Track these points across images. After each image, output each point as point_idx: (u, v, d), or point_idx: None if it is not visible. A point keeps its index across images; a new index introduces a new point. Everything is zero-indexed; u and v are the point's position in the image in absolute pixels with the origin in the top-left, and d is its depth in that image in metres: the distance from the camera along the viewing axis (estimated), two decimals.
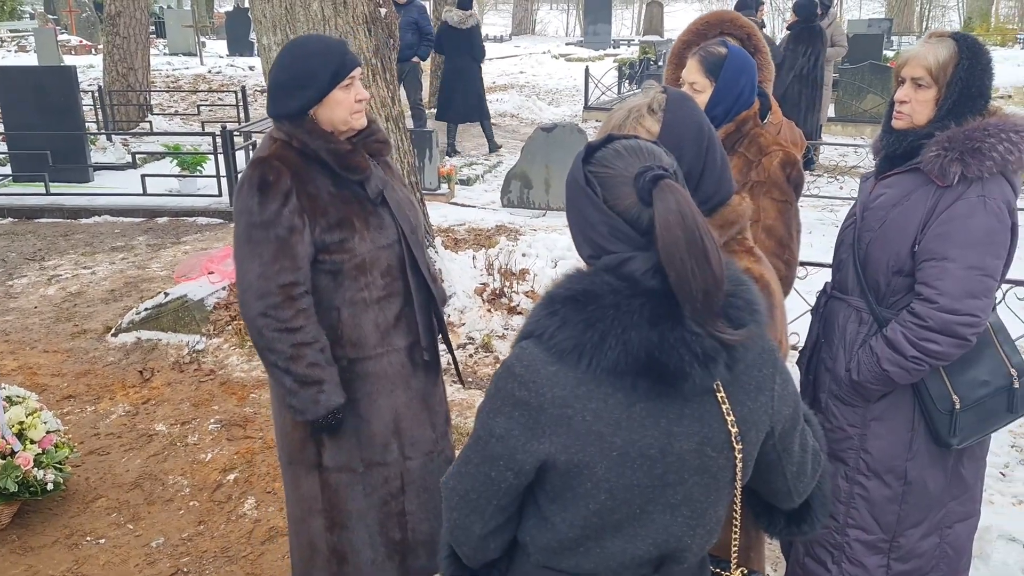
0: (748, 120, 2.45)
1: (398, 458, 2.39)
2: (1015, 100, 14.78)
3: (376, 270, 2.27)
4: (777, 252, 2.43)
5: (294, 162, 2.18)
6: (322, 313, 2.26)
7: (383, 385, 2.34)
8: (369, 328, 2.29)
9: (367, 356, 2.31)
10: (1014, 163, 2.07)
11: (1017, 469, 3.58)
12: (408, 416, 2.39)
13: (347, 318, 2.27)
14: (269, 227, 2.14)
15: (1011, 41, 24.38)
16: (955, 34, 2.16)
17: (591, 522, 1.32)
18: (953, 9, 35.84)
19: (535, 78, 18.45)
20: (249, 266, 2.17)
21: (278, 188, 2.14)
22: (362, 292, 2.27)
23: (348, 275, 2.24)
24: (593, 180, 1.32)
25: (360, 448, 2.36)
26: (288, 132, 2.19)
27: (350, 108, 2.19)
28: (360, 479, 2.38)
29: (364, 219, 2.24)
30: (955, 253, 2.06)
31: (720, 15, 2.79)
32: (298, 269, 2.17)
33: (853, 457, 2.33)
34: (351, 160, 2.22)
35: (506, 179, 8.02)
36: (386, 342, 2.32)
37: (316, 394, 2.21)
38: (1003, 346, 2.24)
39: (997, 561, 2.97)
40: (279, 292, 2.15)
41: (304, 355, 2.19)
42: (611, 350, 1.23)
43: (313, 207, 2.18)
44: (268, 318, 2.16)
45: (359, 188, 2.26)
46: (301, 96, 2.15)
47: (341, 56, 2.17)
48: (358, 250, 2.23)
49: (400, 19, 8.56)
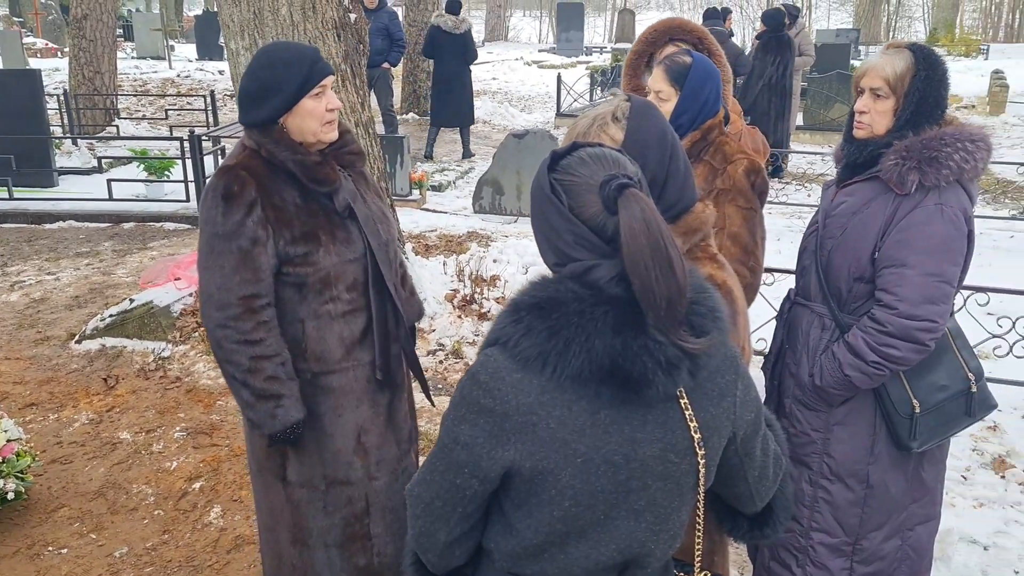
0: (714, 128, 2.48)
1: (363, 477, 2.35)
2: (978, 110, 15.04)
3: (342, 284, 2.24)
4: (742, 259, 2.46)
5: (261, 172, 2.15)
6: (286, 326, 2.23)
7: (347, 400, 2.30)
8: (334, 342, 2.25)
9: (331, 370, 2.27)
10: (970, 172, 2.11)
11: (978, 472, 3.64)
12: (373, 432, 2.35)
13: (311, 331, 2.24)
14: (231, 238, 2.11)
15: (975, 52, 24.85)
16: (912, 45, 2.20)
17: (556, 528, 1.33)
18: (919, 20, 36.48)
19: (508, 84, 18.49)
20: (210, 277, 2.15)
21: (242, 198, 2.11)
22: (327, 305, 2.23)
23: (313, 288, 2.21)
24: (558, 188, 1.34)
25: (323, 465, 2.32)
26: (257, 141, 2.16)
27: (321, 118, 2.15)
28: (321, 497, 2.34)
29: (330, 232, 2.21)
30: (913, 260, 2.10)
31: (669, 23, 2.82)
32: (259, 281, 2.14)
33: (817, 461, 2.36)
34: (318, 172, 2.18)
35: (478, 185, 8.02)
36: (351, 356, 2.29)
37: (273, 408, 2.17)
38: (961, 351, 2.28)
39: (958, 563, 3.02)
40: (239, 304, 2.12)
41: (263, 368, 2.15)
42: (575, 357, 1.24)
43: (278, 218, 2.14)
44: (227, 329, 2.13)
45: (327, 200, 2.22)
46: (268, 105, 2.11)
47: (311, 64, 2.12)
48: (323, 263, 2.19)
49: (370, 25, 8.55)
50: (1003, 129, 13.19)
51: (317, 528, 2.36)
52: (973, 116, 14.46)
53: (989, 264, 5.98)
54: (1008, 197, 8.95)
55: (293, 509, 2.35)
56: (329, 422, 2.30)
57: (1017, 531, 3.23)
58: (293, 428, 2.22)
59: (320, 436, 2.30)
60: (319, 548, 2.37)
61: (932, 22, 31.12)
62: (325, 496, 2.33)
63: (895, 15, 34.86)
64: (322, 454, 2.31)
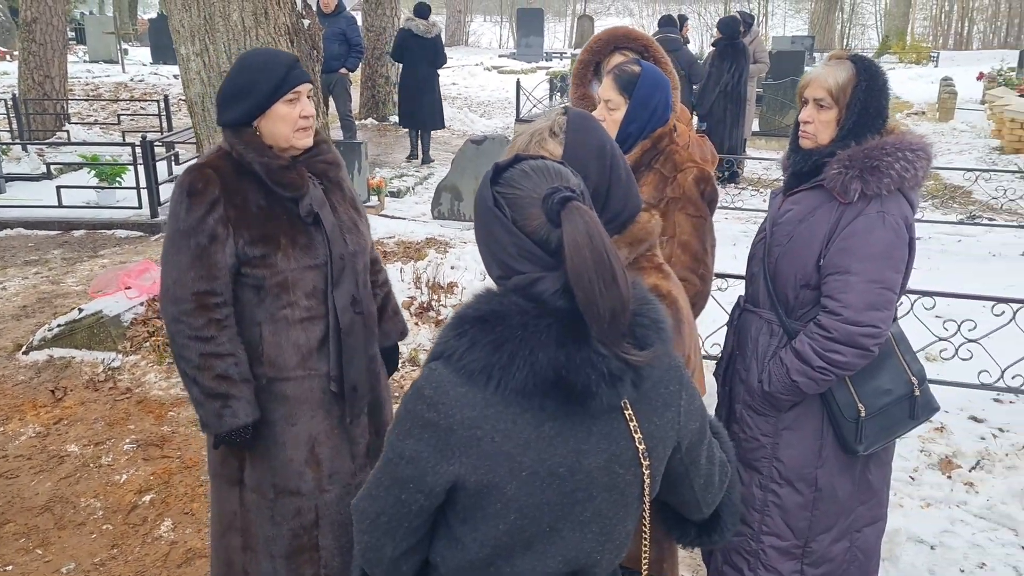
0: (664, 137, 2.50)
1: (313, 489, 2.32)
2: (928, 116, 15.38)
3: (300, 290, 2.23)
4: (692, 267, 2.48)
5: (227, 172, 2.19)
6: (245, 328, 2.24)
7: (302, 409, 2.28)
8: (289, 348, 2.25)
9: (286, 377, 2.26)
10: (910, 180, 2.16)
11: (926, 473, 3.71)
12: (328, 445, 2.33)
13: (268, 335, 2.24)
14: (191, 234, 2.14)
15: (925, 59, 25.42)
16: (853, 56, 2.25)
17: (501, 541, 1.33)
18: (872, 27, 37.24)
19: (468, 90, 18.50)
20: (168, 271, 2.19)
21: (205, 196, 2.15)
22: (284, 310, 2.23)
23: (270, 292, 2.22)
24: (501, 201, 1.34)
25: (272, 473, 2.30)
26: (230, 142, 2.21)
27: (293, 123, 2.18)
28: (270, 506, 2.32)
29: (291, 237, 2.21)
30: (857, 267, 2.14)
31: (614, 32, 2.84)
32: (215, 279, 2.16)
33: (766, 466, 2.39)
34: (283, 176, 2.20)
35: (436, 191, 8.00)
36: (307, 365, 2.27)
37: (220, 408, 2.17)
38: (904, 356, 2.33)
39: (906, 563, 3.08)
40: (192, 299, 2.15)
41: (212, 366, 2.16)
42: (519, 371, 1.25)
43: (239, 218, 2.17)
44: (181, 324, 2.16)
45: (292, 205, 2.23)
46: (241, 106, 2.16)
47: (286, 70, 2.17)
48: (280, 267, 2.20)
49: (326, 30, 8.49)
50: (951, 135, 13.52)
51: (264, 537, 2.34)
52: (924, 122, 14.80)
53: (937, 267, 6.12)
54: (956, 202, 9.16)
55: (245, 514, 2.34)
56: (281, 430, 2.28)
57: (963, 530, 3.30)
58: (241, 431, 2.21)
59: (272, 444, 2.28)
60: (266, 557, 2.35)
61: (884, 30, 31.79)
62: (273, 505, 2.31)
63: (849, 23, 35.56)
64: (272, 462, 2.29)
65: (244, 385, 2.20)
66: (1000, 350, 4.19)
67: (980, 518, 3.39)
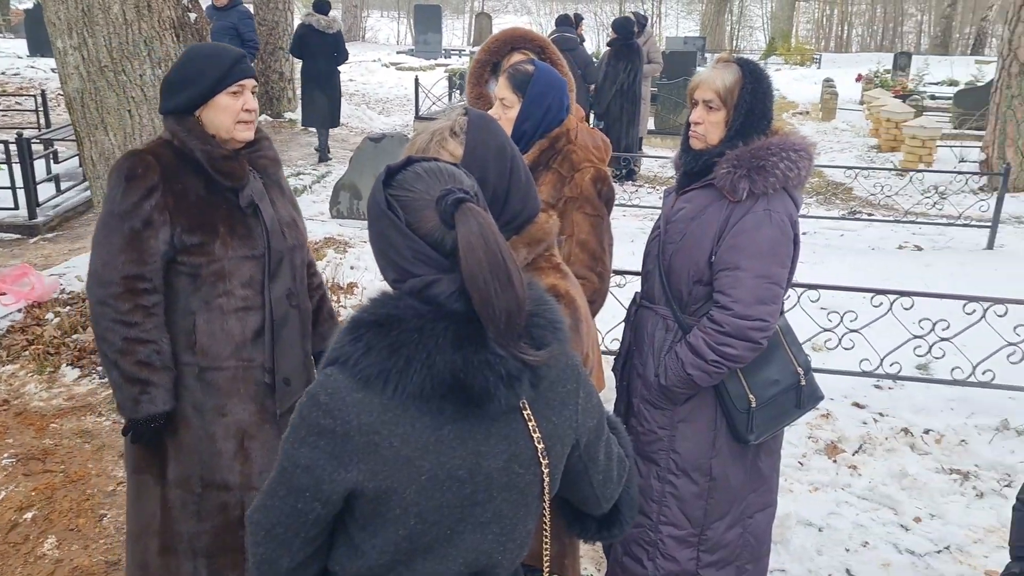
0: (561, 137, 2.53)
1: (241, 484, 2.31)
2: (812, 115, 16.09)
3: (236, 280, 2.25)
4: (591, 265, 2.52)
5: (168, 159, 2.21)
6: (179, 316, 2.25)
7: (233, 401, 2.29)
8: (222, 338, 2.26)
9: (219, 367, 2.27)
10: (794, 179, 2.25)
11: (813, 458, 3.89)
12: (258, 440, 2.32)
13: (202, 324, 2.25)
14: (125, 218, 2.16)
15: (809, 61, 26.57)
16: (738, 59, 2.33)
17: (401, 547, 1.32)
18: (759, 30, 38.66)
19: (365, 86, 18.24)
20: (98, 253, 2.20)
21: (144, 182, 2.17)
22: (220, 299, 2.25)
23: (206, 280, 2.23)
24: (395, 203, 1.32)
25: (201, 466, 2.28)
26: (172, 129, 2.24)
27: (235, 115, 2.22)
28: (196, 500, 2.30)
29: (229, 227, 2.24)
30: (746, 263, 2.22)
31: (511, 32, 2.87)
32: (145, 264, 2.17)
33: (664, 458, 2.46)
34: (225, 165, 2.23)
35: (335, 190, 7.87)
36: (240, 355, 2.28)
37: (138, 394, 2.18)
38: (791, 347, 2.43)
39: (796, 545, 3.22)
40: (120, 283, 2.16)
41: (134, 352, 2.17)
42: (416, 374, 1.24)
43: (177, 206, 2.19)
44: (106, 307, 2.17)
45: (232, 195, 2.26)
46: (185, 94, 2.20)
47: (232, 63, 2.22)
48: (218, 255, 2.22)
49: (215, 24, 8.22)
50: (834, 134, 14.18)
51: (188, 534, 2.31)
52: (808, 121, 15.47)
53: (821, 261, 6.41)
54: (838, 198, 9.62)
55: (165, 513, 2.31)
56: (211, 421, 2.28)
57: (847, 511, 3.48)
58: (156, 419, 2.21)
59: (202, 436, 2.27)
60: (187, 557, 2.32)
61: (771, 32, 33.05)
62: (200, 500, 2.30)
63: (738, 25, 36.83)
64: (201, 455, 2.28)
65: (164, 373, 2.21)
66: (879, 339, 4.42)
67: (863, 499, 3.58)
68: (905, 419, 4.20)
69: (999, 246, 7.29)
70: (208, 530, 2.31)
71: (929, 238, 7.70)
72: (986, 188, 9.00)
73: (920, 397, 4.40)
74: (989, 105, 9.93)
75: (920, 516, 3.45)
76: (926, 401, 4.36)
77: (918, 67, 18.73)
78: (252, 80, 2.27)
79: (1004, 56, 9.55)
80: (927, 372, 4.59)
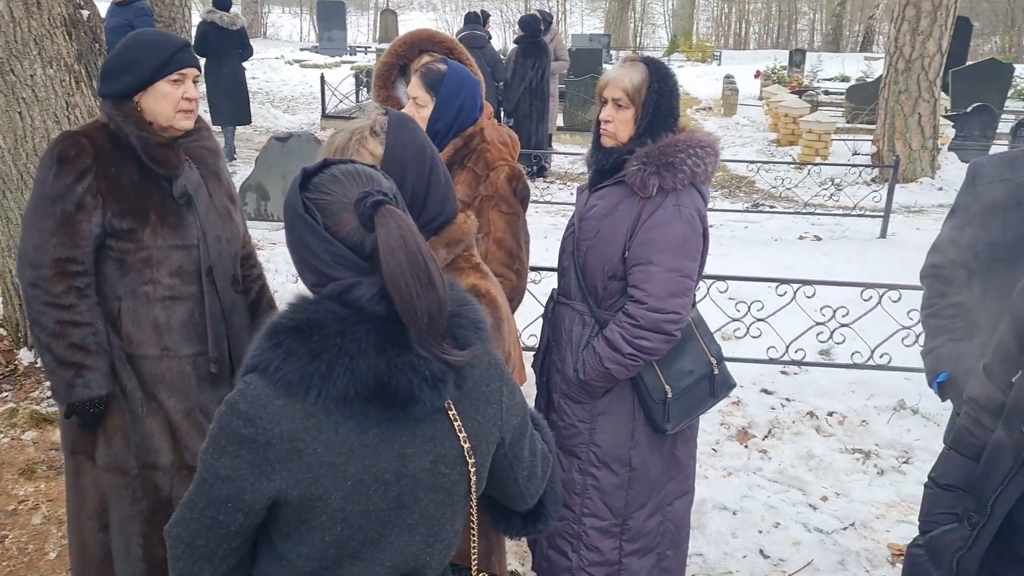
0: (475, 136, 2.54)
1: (171, 465, 2.31)
2: (715, 111, 16.55)
3: (164, 268, 2.25)
4: (508, 263, 2.54)
5: (103, 143, 2.20)
6: (104, 302, 2.25)
7: (161, 389, 2.29)
8: (147, 326, 2.26)
9: (145, 355, 2.27)
10: (701, 175, 2.32)
11: (726, 444, 4.02)
12: (185, 427, 2.32)
13: (127, 311, 2.25)
14: (57, 201, 2.15)
15: (710, 58, 27.29)
16: (645, 58, 2.39)
17: (328, 553, 1.30)
18: (662, 27, 39.53)
19: (268, 84, 17.82)
20: (29, 236, 2.19)
21: (76, 164, 2.16)
22: (146, 287, 2.24)
23: (134, 267, 2.23)
24: (312, 207, 1.31)
25: (135, 447, 2.27)
26: (108, 114, 2.22)
27: (175, 103, 2.21)
28: (130, 483, 2.29)
29: (161, 215, 2.23)
30: (657, 258, 2.28)
31: (418, 34, 2.87)
32: (76, 247, 2.16)
33: (585, 451, 2.50)
34: (159, 153, 2.22)
35: (241, 190, 7.67)
36: (165, 345, 2.28)
37: (72, 378, 2.17)
38: (703, 338, 2.51)
39: (712, 530, 3.32)
40: (52, 265, 2.15)
41: (68, 334, 2.16)
42: (339, 379, 1.23)
43: (109, 190, 2.18)
44: (37, 289, 2.16)
45: (166, 184, 2.25)
46: (125, 79, 2.19)
47: (174, 51, 2.20)
48: (146, 243, 2.21)
49: (110, 21, 7.89)
50: (735, 129, 14.61)
51: (121, 516, 2.30)
52: (711, 117, 15.90)
53: (728, 253, 6.61)
54: (742, 191, 9.94)
55: (100, 494, 2.32)
56: (138, 404, 2.28)
57: (759, 494, 3.60)
58: (94, 403, 2.21)
59: (132, 420, 2.28)
60: (119, 536, 2.32)
61: (673, 30, 33.84)
62: (134, 482, 2.30)
63: (641, 22, 37.58)
64: (133, 437, 2.28)
65: (100, 357, 2.19)
66: (785, 327, 4.60)
67: (773, 482, 3.71)
68: (810, 403, 4.38)
69: (891, 235, 7.66)
70: (143, 510, 2.31)
71: (827, 228, 8.03)
72: (878, 180, 9.44)
73: (823, 381, 4.59)
74: (879, 100, 10.41)
75: (827, 495, 3.61)
76: (829, 385, 4.56)
77: (812, 64, 19.48)
78: (194, 69, 2.25)
79: (891, 53, 10.03)
80: (829, 357, 4.79)
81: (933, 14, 9.48)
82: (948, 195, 9.14)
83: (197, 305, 2.31)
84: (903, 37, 9.74)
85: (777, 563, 3.18)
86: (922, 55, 9.62)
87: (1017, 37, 27.38)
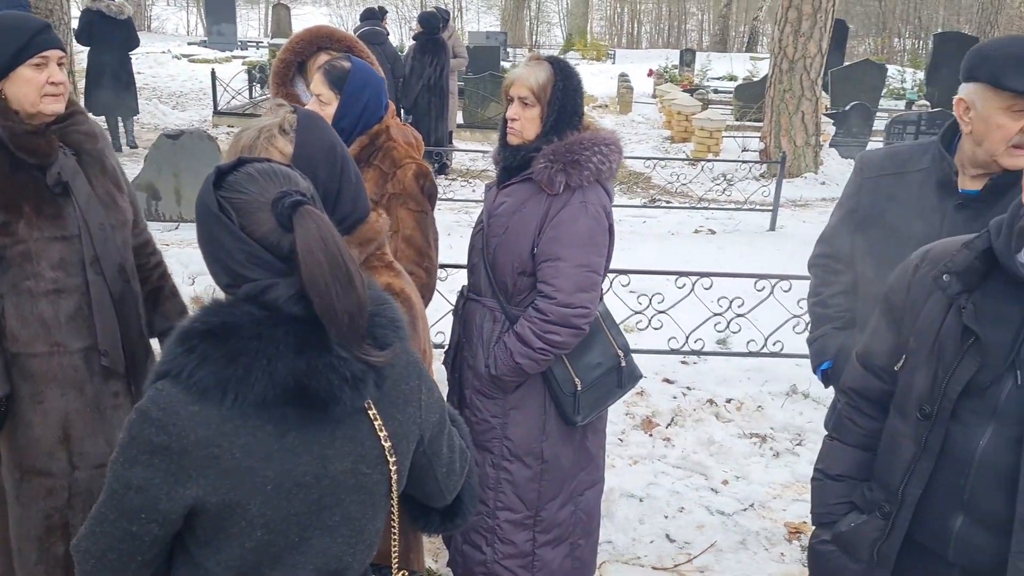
0: (381, 133, 2.53)
1: (65, 468, 2.23)
2: (611, 109, 16.87)
3: (45, 261, 2.16)
4: (417, 261, 2.54)
5: None
6: None
7: (51, 388, 2.20)
8: (34, 323, 2.17)
9: (32, 353, 2.18)
10: (606, 172, 2.39)
11: (631, 434, 4.13)
12: (79, 424, 2.23)
13: (10, 308, 2.15)
14: None
15: (604, 56, 27.79)
16: (550, 58, 2.43)
17: (248, 559, 1.29)
18: (557, 25, 40.00)
19: (155, 79, 17.11)
20: None
21: None
22: (28, 282, 2.15)
23: (13, 262, 2.13)
24: (227, 206, 1.28)
25: (20, 453, 2.18)
26: None
27: (39, 88, 2.10)
28: (15, 487, 2.20)
29: (36, 206, 2.14)
30: (565, 253, 2.33)
31: (316, 31, 2.83)
32: None
33: (497, 445, 2.53)
34: (28, 141, 2.12)
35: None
36: (55, 341, 2.19)
37: None
38: (610, 331, 2.57)
39: (620, 517, 3.41)
40: None
41: None
42: (258, 382, 1.21)
43: None
44: None
45: (38, 173, 2.15)
46: None
47: (33, 34, 2.10)
48: (23, 236, 2.12)
49: None
50: (631, 126, 14.94)
51: (13, 518, 2.23)
52: (607, 115, 16.21)
53: (629, 247, 6.76)
54: (639, 187, 10.18)
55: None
56: (28, 408, 2.20)
57: (664, 480, 3.72)
58: None
59: (18, 423, 2.20)
60: (17, 539, 2.25)
61: (568, 28, 34.28)
62: (19, 486, 2.20)
63: (536, 20, 37.92)
64: (19, 441, 2.21)
65: None
66: (684, 318, 4.75)
67: (677, 468, 3.84)
68: (710, 391, 4.55)
69: (780, 227, 8.01)
70: (35, 515, 2.24)
71: (720, 222, 8.33)
72: (766, 175, 9.85)
73: (721, 370, 4.77)
74: (765, 99, 10.85)
75: (727, 479, 3.76)
76: (727, 373, 4.74)
77: (702, 63, 20.11)
78: (58, 51, 2.15)
79: (775, 54, 10.46)
80: (726, 346, 4.99)
81: (813, 16, 9.93)
82: (830, 189, 9.61)
83: (84, 297, 2.22)
84: (786, 38, 10.16)
85: (683, 546, 3.29)
86: (804, 56, 10.06)
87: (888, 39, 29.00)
